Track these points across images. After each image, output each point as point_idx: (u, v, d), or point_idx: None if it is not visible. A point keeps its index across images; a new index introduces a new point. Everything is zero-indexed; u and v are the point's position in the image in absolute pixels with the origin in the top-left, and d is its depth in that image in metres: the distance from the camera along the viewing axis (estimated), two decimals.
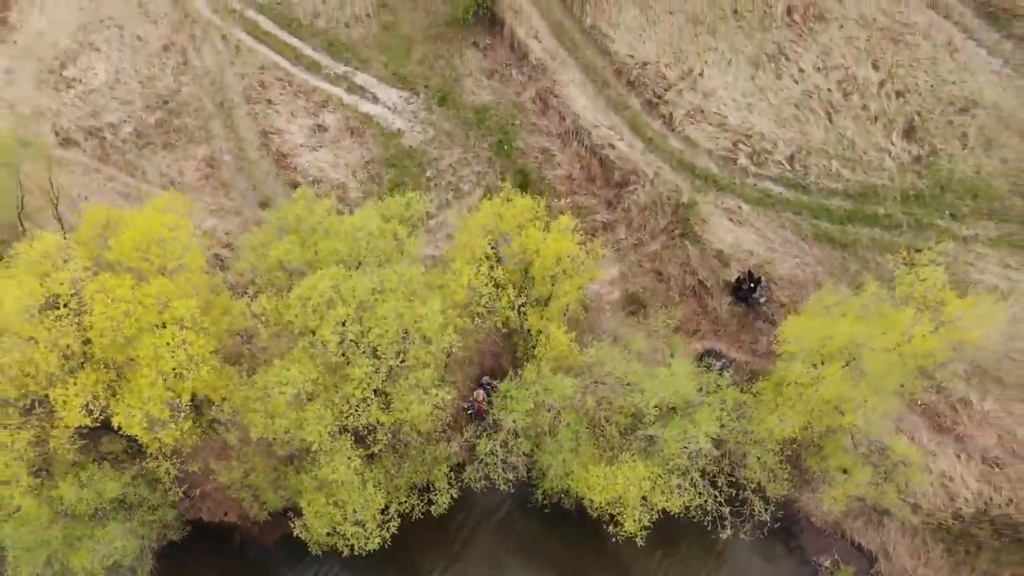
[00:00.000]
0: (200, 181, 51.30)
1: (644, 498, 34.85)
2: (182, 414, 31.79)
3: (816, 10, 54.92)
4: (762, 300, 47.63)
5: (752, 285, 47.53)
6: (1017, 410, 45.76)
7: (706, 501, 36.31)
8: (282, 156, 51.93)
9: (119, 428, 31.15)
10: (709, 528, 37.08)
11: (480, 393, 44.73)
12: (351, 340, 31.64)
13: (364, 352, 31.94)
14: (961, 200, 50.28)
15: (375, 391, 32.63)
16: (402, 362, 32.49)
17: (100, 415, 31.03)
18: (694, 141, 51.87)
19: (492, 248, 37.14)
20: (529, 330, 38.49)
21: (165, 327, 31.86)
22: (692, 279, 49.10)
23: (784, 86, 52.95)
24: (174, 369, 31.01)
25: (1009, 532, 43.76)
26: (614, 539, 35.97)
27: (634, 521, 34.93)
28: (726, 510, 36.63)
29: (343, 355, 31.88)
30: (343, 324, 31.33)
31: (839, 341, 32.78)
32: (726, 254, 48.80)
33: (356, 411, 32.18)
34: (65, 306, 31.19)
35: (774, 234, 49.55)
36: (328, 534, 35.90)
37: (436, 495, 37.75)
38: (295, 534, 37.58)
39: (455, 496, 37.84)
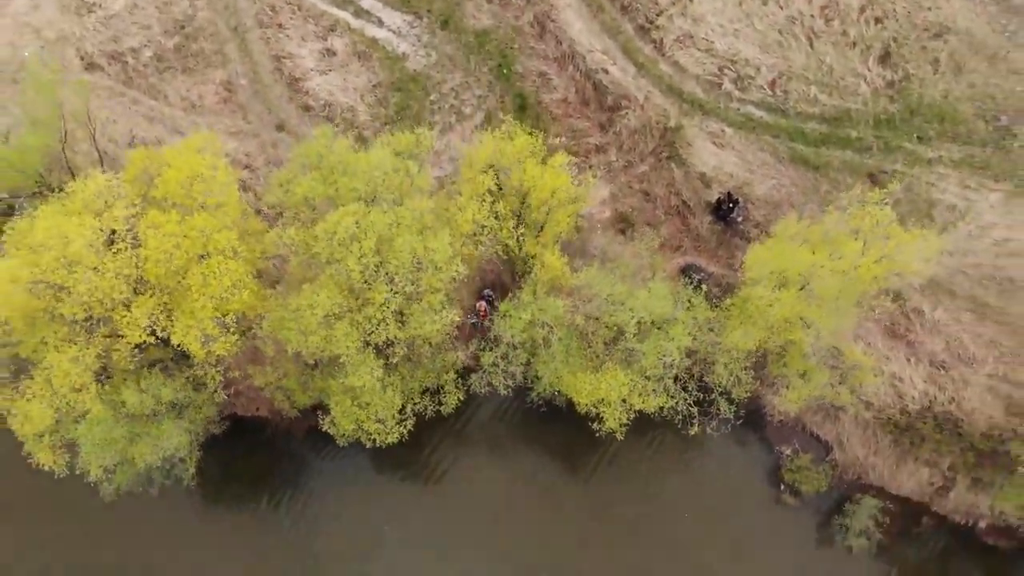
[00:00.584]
0: (219, 105, 55.17)
1: (623, 400, 40.81)
2: (231, 330, 37.19)
3: None
4: (739, 219, 52.48)
5: (731, 205, 52.24)
6: (964, 319, 51.35)
7: (677, 403, 42.41)
8: (294, 80, 55.59)
9: (178, 345, 36.66)
10: (680, 426, 43.31)
11: (482, 304, 50.23)
12: (372, 269, 36.76)
13: (383, 279, 37.12)
14: (929, 124, 54.38)
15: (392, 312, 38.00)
16: (416, 288, 37.71)
17: (162, 333, 36.54)
18: (683, 66, 55.45)
19: (495, 181, 41.79)
20: (526, 255, 43.64)
21: (209, 256, 36.92)
22: (677, 199, 53.74)
23: (769, 12, 56.04)
24: (220, 294, 36.25)
25: (949, 426, 50.00)
26: (597, 434, 42.23)
27: (615, 419, 41.09)
28: (695, 410, 42.78)
29: (365, 282, 37.06)
30: (365, 256, 36.32)
31: (796, 268, 37.95)
32: (708, 176, 53.27)
33: (377, 329, 37.64)
34: (122, 240, 36.10)
35: (753, 157, 53.89)
36: (353, 430, 42.03)
37: (445, 397, 43.87)
38: (323, 428, 43.85)
39: (461, 398, 43.98)
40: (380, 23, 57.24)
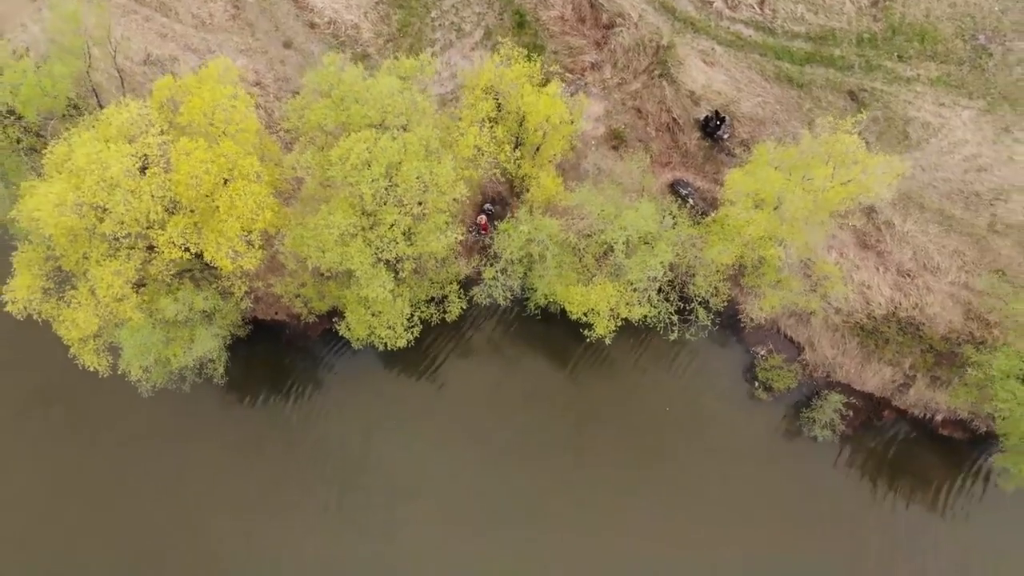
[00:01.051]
0: (228, 22, 57.59)
1: (611, 309, 45.37)
2: (255, 246, 41.31)
3: None
4: (725, 136, 55.91)
5: (718, 123, 55.59)
6: (932, 230, 55.56)
7: (660, 312, 47.03)
8: None
9: (210, 260, 40.84)
10: (661, 332, 48.08)
11: (483, 218, 54.19)
12: (383, 192, 40.60)
13: (393, 202, 41.01)
14: (909, 43, 57.26)
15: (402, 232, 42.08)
16: (423, 209, 41.64)
17: (193, 249, 40.66)
18: None
19: (494, 105, 45.16)
20: (524, 175, 47.37)
21: (234, 180, 40.64)
22: (667, 116, 56.97)
23: None
24: (246, 214, 40.17)
25: (912, 330, 54.85)
26: (588, 339, 47.01)
27: (603, 327, 45.79)
28: (675, 318, 47.45)
29: (376, 203, 40.94)
30: (376, 180, 40.08)
31: (770, 190, 41.81)
32: (697, 94, 56.37)
33: (388, 247, 41.78)
34: (155, 164, 39.76)
35: (741, 75, 56.88)
36: (366, 335, 46.72)
37: (449, 305, 48.43)
38: (339, 333, 48.58)
39: (464, 307, 48.57)
40: None
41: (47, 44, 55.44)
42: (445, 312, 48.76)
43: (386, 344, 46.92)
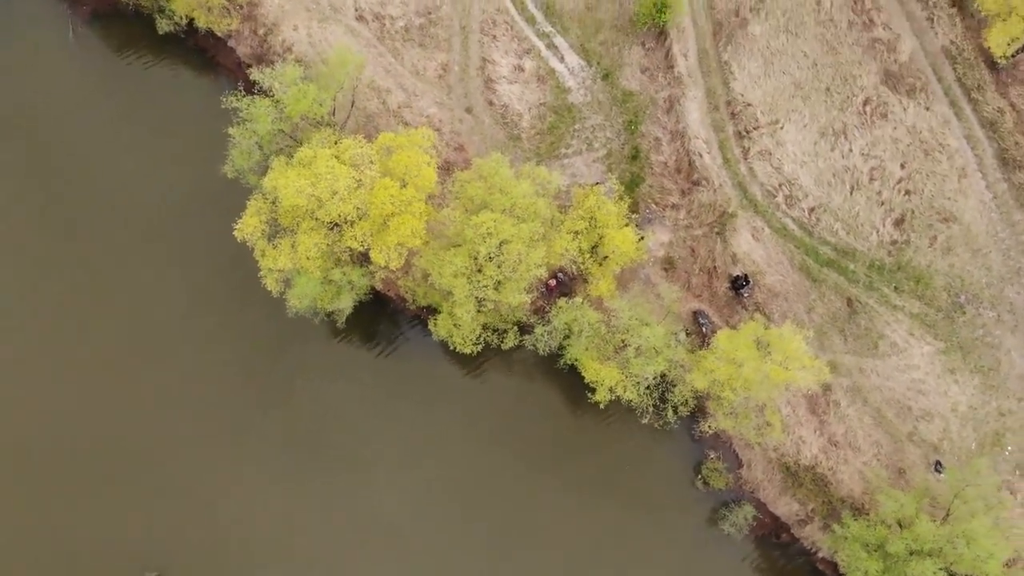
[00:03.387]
0: (435, 79, 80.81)
1: (611, 387, 67.40)
2: (401, 254, 64.37)
3: (883, 109, 79.28)
4: (746, 295, 77.02)
5: (744, 283, 76.62)
6: (866, 421, 76.00)
7: (643, 401, 68.85)
8: (489, 80, 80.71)
9: (373, 259, 64.03)
10: (639, 415, 70.05)
11: (553, 281, 76.36)
12: (491, 254, 63.13)
13: (495, 263, 63.56)
14: (907, 280, 77.52)
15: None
16: (513, 273, 64.14)
17: (364, 245, 63.87)
18: (755, 173, 78.98)
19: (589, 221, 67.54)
20: (589, 272, 69.78)
21: (404, 211, 63.69)
22: (711, 263, 78.29)
23: (832, 157, 78.86)
24: (404, 235, 63.23)
25: (822, 484, 75.49)
26: (588, 400, 69.17)
27: (602, 395, 67.89)
28: (651, 409, 69.28)
29: (485, 260, 63.54)
30: (490, 247, 62.60)
31: (739, 355, 63.17)
32: (738, 256, 77.54)
33: (482, 289, 64.36)
34: (364, 186, 62.91)
35: (775, 255, 77.91)
36: (446, 334, 69.62)
37: (505, 338, 71.09)
38: (427, 324, 71.53)
39: (516, 343, 71.14)
40: (561, 59, 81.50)
41: (305, 46, 79.70)
42: (502, 341, 71.28)
43: (456, 347, 69.56)
